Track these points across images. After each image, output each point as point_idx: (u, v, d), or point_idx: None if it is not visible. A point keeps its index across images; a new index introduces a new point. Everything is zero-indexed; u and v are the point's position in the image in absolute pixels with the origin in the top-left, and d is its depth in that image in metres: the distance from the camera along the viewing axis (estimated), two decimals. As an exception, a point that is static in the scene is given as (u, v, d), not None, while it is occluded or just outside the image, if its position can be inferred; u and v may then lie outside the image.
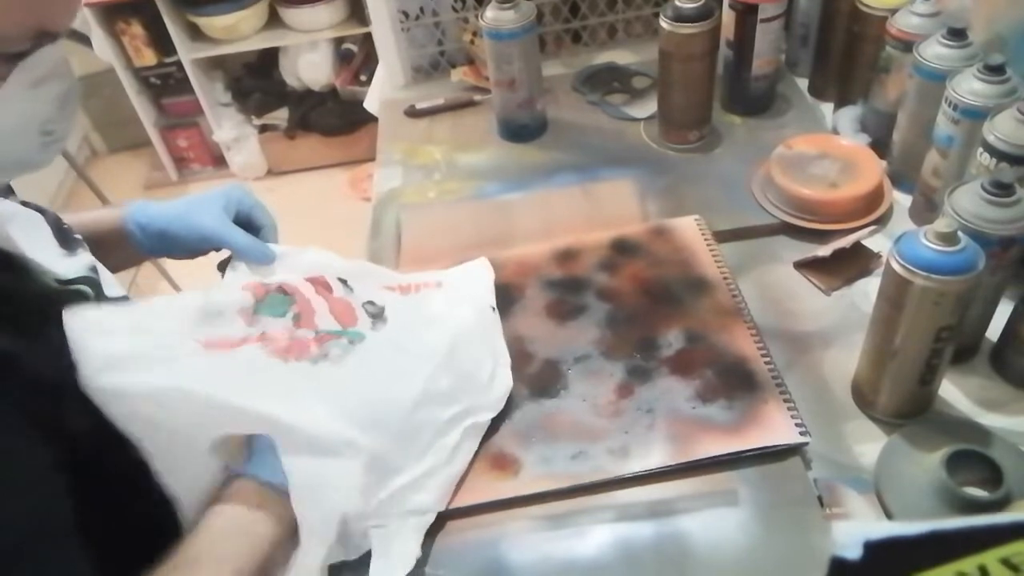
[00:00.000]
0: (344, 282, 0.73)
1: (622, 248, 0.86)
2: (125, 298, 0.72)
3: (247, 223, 0.78)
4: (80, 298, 0.63)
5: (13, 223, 0.63)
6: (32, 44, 0.52)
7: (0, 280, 0.57)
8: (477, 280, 0.82)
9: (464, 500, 0.66)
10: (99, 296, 0.66)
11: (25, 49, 0.52)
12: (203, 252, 0.79)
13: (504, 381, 0.72)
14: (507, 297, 0.82)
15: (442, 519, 0.65)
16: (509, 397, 0.72)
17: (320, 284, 0.72)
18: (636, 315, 0.79)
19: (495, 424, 0.70)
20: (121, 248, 0.78)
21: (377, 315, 0.72)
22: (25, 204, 0.70)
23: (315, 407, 0.61)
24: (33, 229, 0.66)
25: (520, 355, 0.76)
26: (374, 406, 0.64)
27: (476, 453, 0.68)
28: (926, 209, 0.85)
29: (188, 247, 0.78)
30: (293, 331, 0.66)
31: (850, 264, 0.84)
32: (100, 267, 0.70)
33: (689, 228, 0.88)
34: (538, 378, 0.74)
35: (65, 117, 0.58)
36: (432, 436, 0.66)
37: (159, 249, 0.79)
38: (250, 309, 0.67)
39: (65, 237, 0.69)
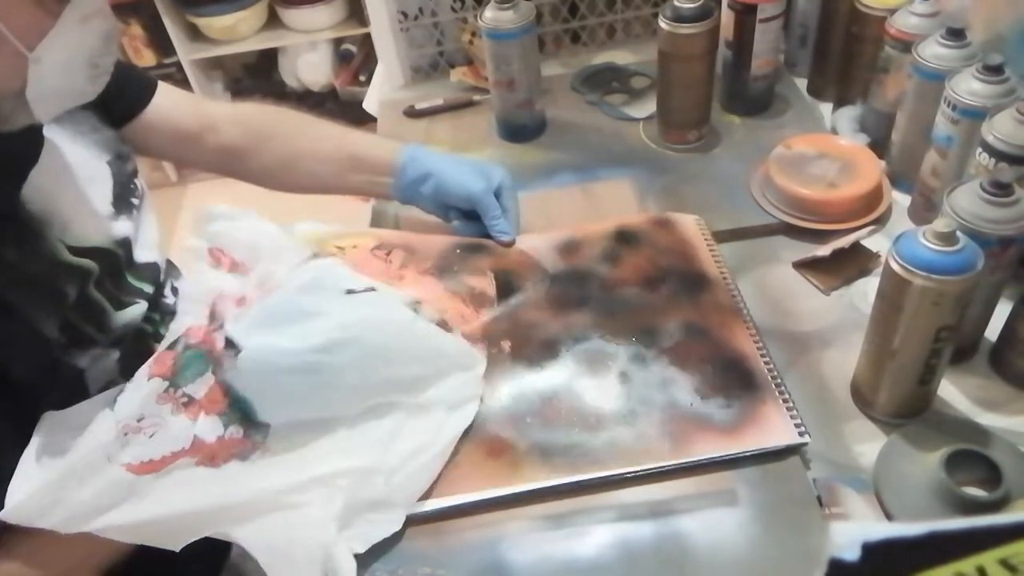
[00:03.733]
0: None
1: (624, 238, 0.86)
2: (156, 265, 0.74)
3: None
4: (81, 275, 0.66)
5: (60, 175, 0.65)
6: None
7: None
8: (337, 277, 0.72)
9: (460, 489, 0.66)
10: (95, 278, 0.68)
11: None
12: (450, 208, 0.85)
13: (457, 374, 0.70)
14: (508, 286, 0.82)
15: (442, 519, 0.65)
16: (505, 379, 0.72)
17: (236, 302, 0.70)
18: (637, 304, 0.79)
19: (490, 408, 0.71)
20: (377, 178, 0.85)
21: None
22: (120, 156, 0.74)
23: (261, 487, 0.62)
24: (87, 183, 0.69)
25: (521, 341, 0.76)
26: (321, 454, 0.65)
27: (471, 439, 0.69)
28: (925, 209, 0.85)
29: (443, 202, 0.84)
30: (224, 400, 0.64)
31: (849, 264, 0.84)
32: (147, 228, 0.74)
33: (689, 227, 0.88)
34: (535, 356, 0.74)
35: (109, 52, 0.62)
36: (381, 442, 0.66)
37: (412, 195, 0.86)
38: (167, 390, 0.64)
39: (124, 198, 0.72)
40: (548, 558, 0.63)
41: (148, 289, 0.75)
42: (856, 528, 0.30)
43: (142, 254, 0.74)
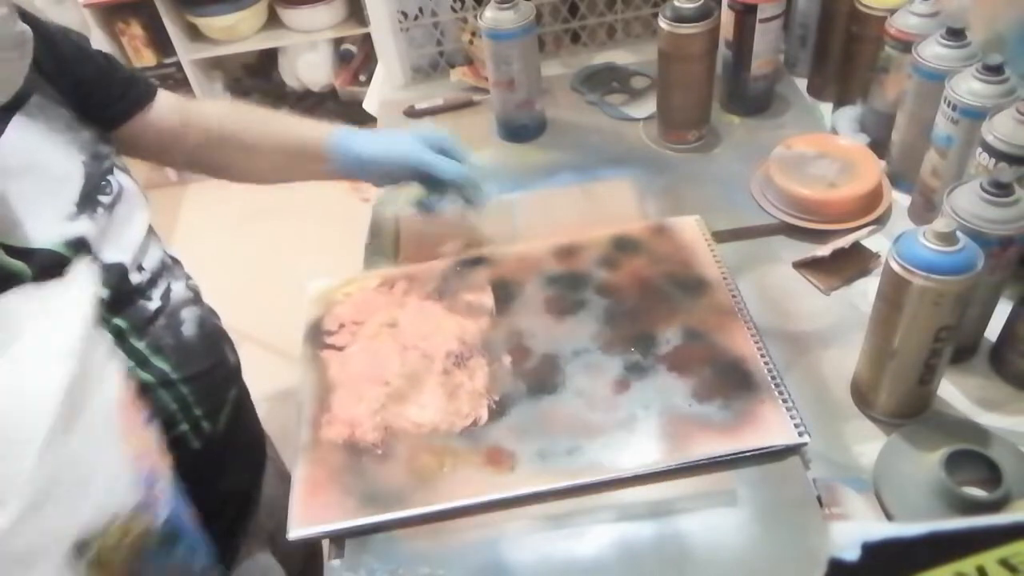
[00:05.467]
0: None
1: (622, 245, 0.86)
2: (121, 265, 0.72)
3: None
4: (5, 277, 0.61)
5: (15, 174, 0.63)
6: None
7: None
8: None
9: (461, 496, 0.66)
10: (47, 274, 0.61)
11: None
12: (400, 179, 0.86)
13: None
14: (507, 292, 0.82)
15: (442, 519, 0.65)
16: (506, 393, 0.72)
17: None
18: (635, 311, 0.79)
19: (492, 420, 0.71)
20: (315, 166, 0.87)
21: None
22: (96, 157, 0.71)
23: None
24: (53, 182, 0.67)
25: (519, 350, 0.77)
26: None
27: (472, 448, 0.69)
28: (925, 209, 0.85)
29: (386, 172, 0.86)
30: None
31: (849, 264, 0.84)
32: (121, 228, 0.72)
33: (689, 228, 0.88)
34: (536, 373, 0.75)
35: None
36: None
37: (355, 172, 0.87)
38: None
39: (91, 196, 0.70)
40: (548, 558, 0.63)
41: (103, 293, 0.70)
42: (856, 528, 0.30)
43: (110, 255, 0.71)
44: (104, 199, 0.72)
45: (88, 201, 0.69)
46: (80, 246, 0.68)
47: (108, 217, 0.72)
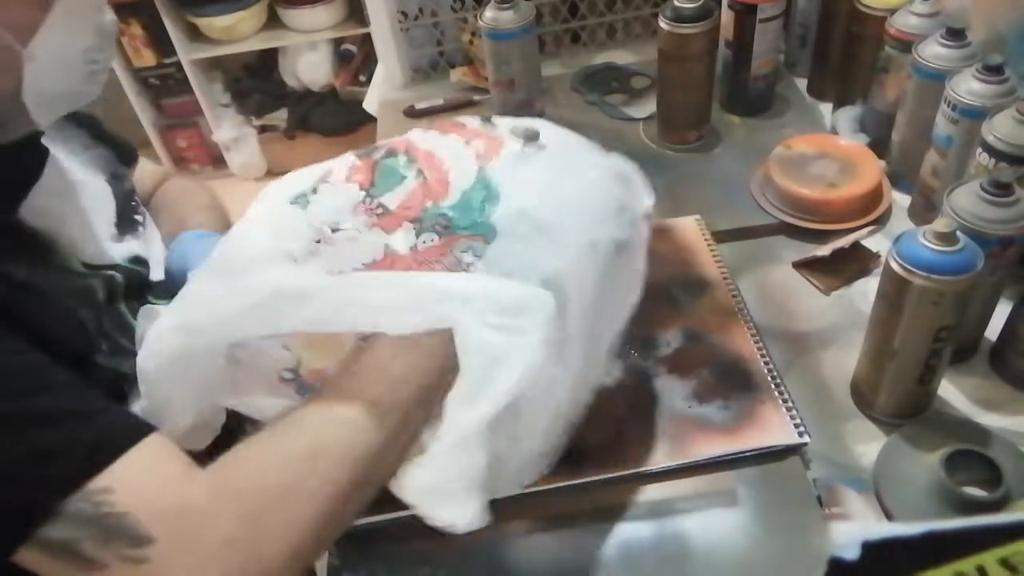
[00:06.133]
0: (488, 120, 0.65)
1: None
2: (162, 283, 0.71)
3: None
4: (89, 294, 0.62)
5: (59, 198, 0.62)
6: None
7: (12, 269, 0.55)
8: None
9: None
10: (121, 290, 0.65)
11: None
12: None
13: None
14: None
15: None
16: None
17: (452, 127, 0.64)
18: (635, 314, 0.79)
19: None
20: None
21: (531, 137, 0.62)
22: (116, 176, 0.71)
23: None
24: (88, 203, 0.65)
25: None
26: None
27: None
28: (925, 209, 0.85)
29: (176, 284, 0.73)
30: (422, 204, 0.58)
31: (849, 264, 0.84)
32: (153, 248, 0.70)
33: (689, 228, 0.88)
34: None
35: (106, 48, 0.59)
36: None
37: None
38: (363, 199, 0.59)
39: (126, 216, 0.69)
40: (548, 558, 0.63)
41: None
42: (856, 527, 0.30)
43: (155, 272, 0.71)
44: (139, 218, 0.71)
45: (125, 220, 0.69)
46: (140, 263, 0.69)
47: (145, 235, 0.72)
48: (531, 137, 0.61)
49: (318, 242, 0.57)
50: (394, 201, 0.59)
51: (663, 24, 0.94)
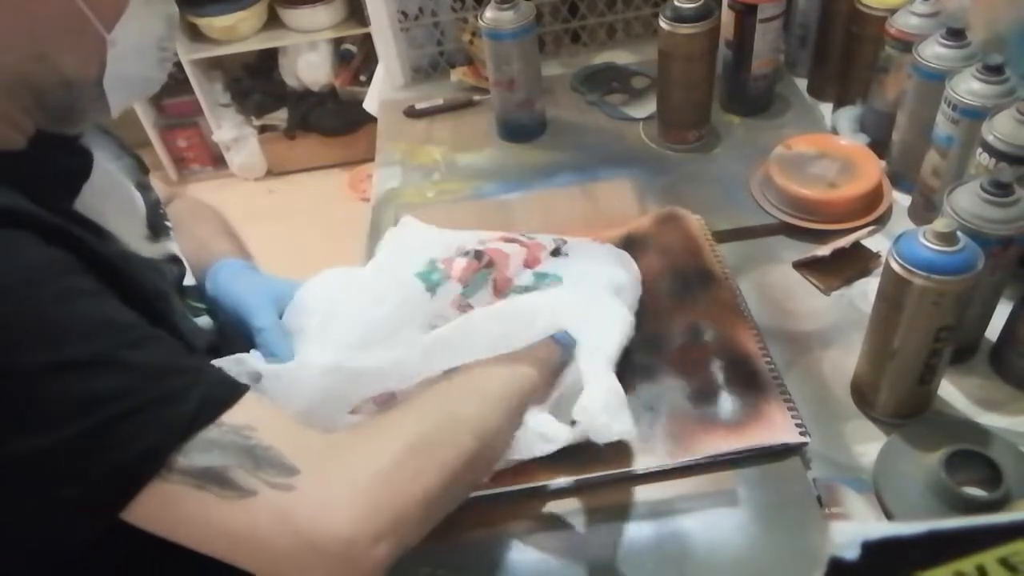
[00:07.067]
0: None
1: (630, 245, 0.86)
2: (198, 287, 0.73)
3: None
4: (159, 272, 0.64)
5: (104, 197, 0.64)
6: None
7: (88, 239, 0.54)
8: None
9: None
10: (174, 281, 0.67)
11: None
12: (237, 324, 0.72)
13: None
14: None
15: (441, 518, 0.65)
16: None
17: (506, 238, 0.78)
18: (640, 312, 0.79)
19: None
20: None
21: (557, 250, 0.77)
22: (142, 185, 0.72)
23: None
24: (125, 205, 0.67)
25: None
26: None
27: None
28: (925, 209, 0.85)
29: (225, 313, 0.73)
30: (490, 301, 0.71)
31: (849, 264, 0.84)
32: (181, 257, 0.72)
33: (694, 221, 0.88)
34: None
35: (173, 37, 0.63)
36: None
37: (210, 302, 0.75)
38: (461, 294, 0.70)
39: (156, 222, 0.70)
40: (548, 558, 0.63)
41: (202, 306, 0.72)
42: (856, 527, 0.30)
43: (188, 278, 0.71)
44: (168, 224, 0.72)
45: (155, 227, 0.70)
46: (177, 262, 0.70)
47: (174, 241, 0.72)
48: (556, 252, 0.77)
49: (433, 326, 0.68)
50: (478, 302, 0.71)
51: (663, 24, 0.94)
